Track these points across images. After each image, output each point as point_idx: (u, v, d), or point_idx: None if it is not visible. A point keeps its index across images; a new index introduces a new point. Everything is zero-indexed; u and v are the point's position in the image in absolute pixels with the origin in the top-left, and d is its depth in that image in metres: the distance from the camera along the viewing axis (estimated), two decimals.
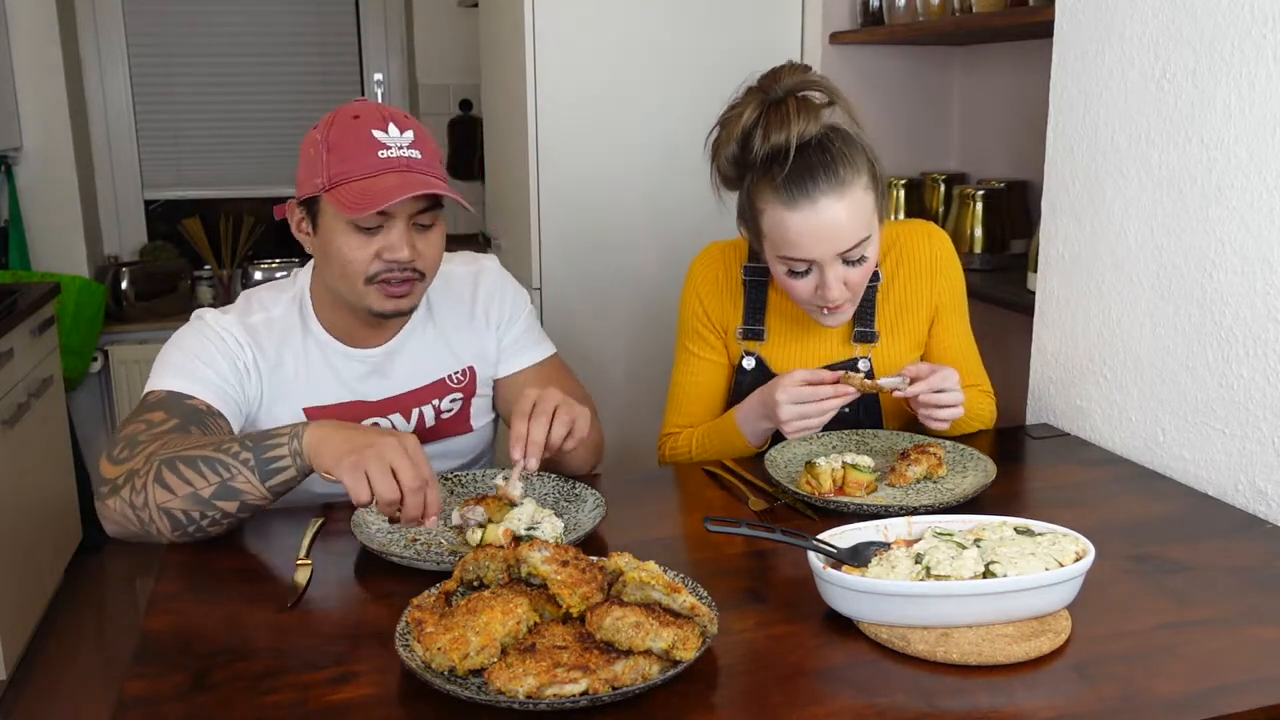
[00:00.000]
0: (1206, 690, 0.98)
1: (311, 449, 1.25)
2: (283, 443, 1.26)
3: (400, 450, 1.21)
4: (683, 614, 0.99)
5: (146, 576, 3.42)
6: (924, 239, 1.66)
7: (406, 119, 1.43)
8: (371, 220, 1.39)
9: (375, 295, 1.43)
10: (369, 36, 4.32)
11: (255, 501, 1.27)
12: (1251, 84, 1.37)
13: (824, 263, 1.46)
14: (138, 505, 1.26)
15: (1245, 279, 1.40)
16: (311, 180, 1.41)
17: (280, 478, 1.26)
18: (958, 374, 1.48)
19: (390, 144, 1.39)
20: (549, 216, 2.56)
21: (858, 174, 1.45)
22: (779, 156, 1.45)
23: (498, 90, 2.94)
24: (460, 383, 1.60)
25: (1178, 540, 1.30)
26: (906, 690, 0.98)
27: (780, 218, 1.46)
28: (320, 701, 0.97)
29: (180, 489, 1.25)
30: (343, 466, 1.20)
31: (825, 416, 1.47)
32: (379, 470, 1.19)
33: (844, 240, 1.45)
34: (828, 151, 1.45)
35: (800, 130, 1.44)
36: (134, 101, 4.10)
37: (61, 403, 3.36)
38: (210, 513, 1.26)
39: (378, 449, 1.20)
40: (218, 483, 1.25)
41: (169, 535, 1.27)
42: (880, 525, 1.17)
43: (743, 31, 2.59)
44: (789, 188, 1.44)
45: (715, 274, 1.68)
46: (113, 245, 4.12)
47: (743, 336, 1.66)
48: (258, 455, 1.26)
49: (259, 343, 1.49)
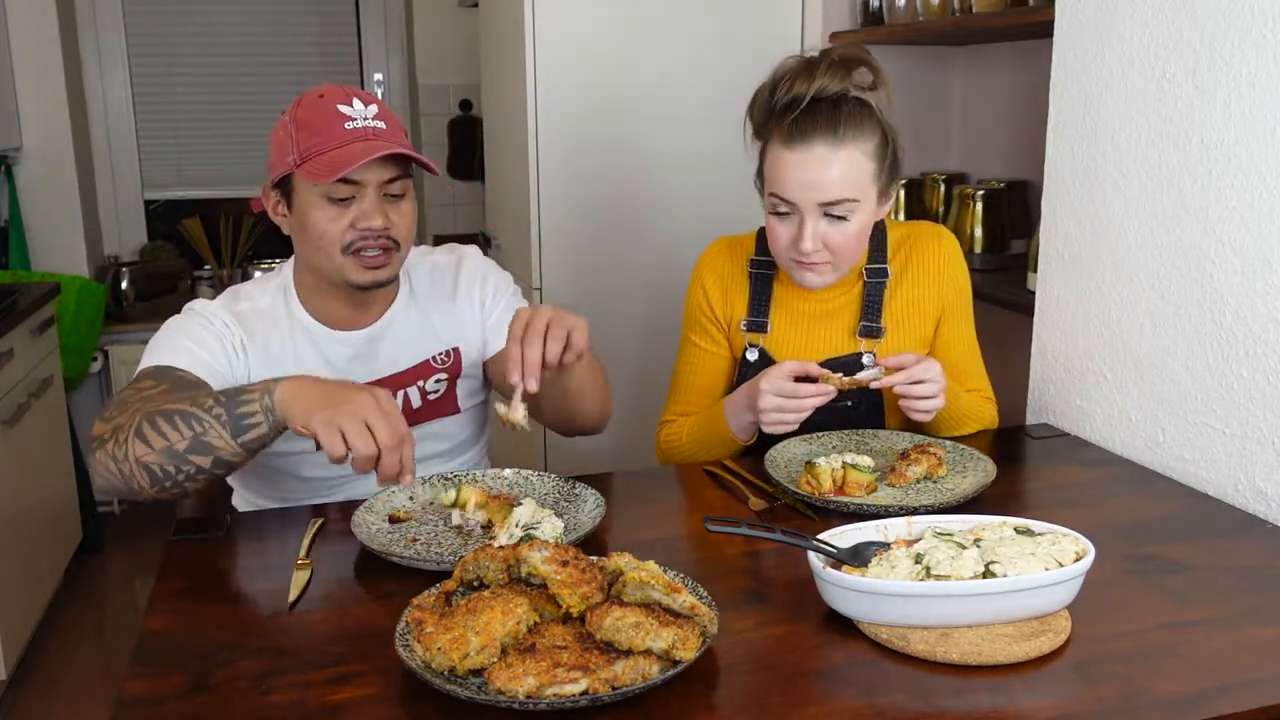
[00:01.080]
0: (1206, 690, 0.98)
1: (284, 405, 1.24)
2: (254, 399, 1.26)
3: (375, 407, 1.20)
4: (683, 614, 0.99)
5: (146, 576, 3.42)
6: (933, 240, 1.68)
7: (370, 96, 1.49)
8: (344, 191, 1.44)
9: (353, 266, 1.47)
10: (369, 36, 4.32)
11: (228, 457, 1.27)
12: (1251, 84, 1.37)
13: (805, 209, 1.51)
14: (119, 459, 1.27)
15: (1245, 279, 1.40)
16: (283, 160, 1.46)
17: (252, 434, 1.26)
18: (940, 367, 1.50)
19: (356, 116, 1.44)
20: (549, 216, 2.56)
21: (860, 137, 1.50)
22: (796, 104, 1.51)
23: (498, 90, 2.94)
24: (444, 364, 1.61)
25: (1178, 540, 1.30)
26: (906, 690, 0.98)
27: (777, 155, 1.52)
28: (320, 701, 0.97)
29: (157, 443, 1.25)
30: (316, 422, 1.20)
31: (802, 415, 1.49)
32: (354, 426, 1.18)
33: (827, 190, 1.49)
34: (838, 108, 1.51)
35: (822, 85, 1.50)
36: (134, 101, 4.10)
37: (61, 403, 3.36)
38: (185, 467, 1.26)
39: (353, 405, 1.20)
40: (191, 437, 1.25)
41: (149, 490, 1.27)
42: (880, 525, 1.17)
43: (743, 31, 2.59)
44: (792, 129, 1.50)
45: (721, 266, 1.71)
46: (113, 245, 4.12)
47: (747, 328, 1.67)
48: (230, 411, 1.26)
49: (246, 328, 1.52)
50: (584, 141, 2.54)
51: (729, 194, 2.60)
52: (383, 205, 1.46)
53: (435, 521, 1.35)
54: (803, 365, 1.49)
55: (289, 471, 1.55)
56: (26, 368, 3.01)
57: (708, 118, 2.60)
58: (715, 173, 2.61)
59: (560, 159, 2.54)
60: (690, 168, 2.62)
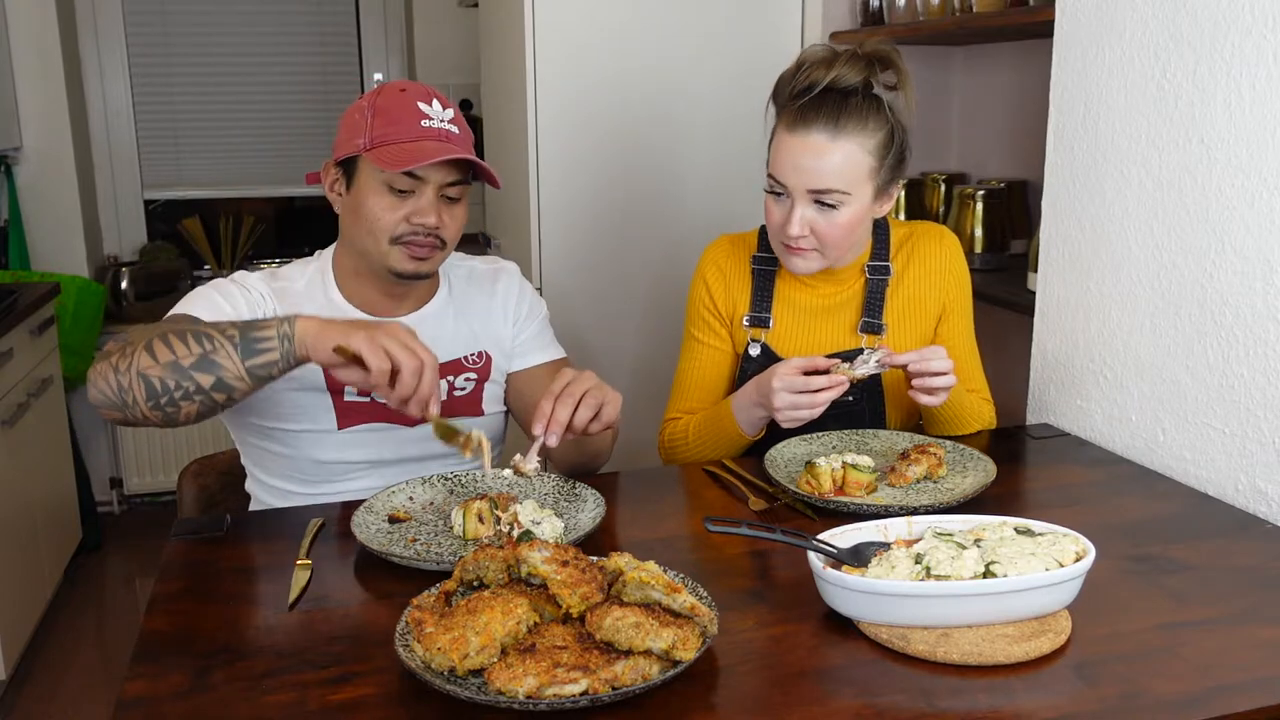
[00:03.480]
0: (1206, 690, 0.98)
1: (310, 334, 1.25)
2: (270, 326, 1.27)
3: (407, 333, 1.24)
4: (683, 614, 0.99)
5: (146, 576, 3.42)
6: (936, 240, 1.69)
7: (448, 101, 1.53)
8: (405, 184, 1.47)
9: (398, 255, 1.50)
10: (369, 36, 4.32)
11: (231, 380, 1.26)
12: (1251, 84, 1.36)
13: (795, 194, 1.52)
14: (120, 370, 1.27)
15: (1245, 279, 1.40)
16: (353, 141, 1.49)
17: (262, 359, 1.26)
18: (944, 349, 1.50)
19: (433, 116, 1.49)
20: (549, 216, 2.56)
21: (861, 131, 1.51)
22: (808, 90, 1.52)
23: (498, 90, 2.94)
24: (475, 364, 1.64)
25: (1178, 540, 1.30)
26: (906, 690, 0.98)
27: (780, 137, 1.55)
28: (320, 701, 0.97)
29: (164, 356, 1.26)
30: (357, 339, 1.22)
31: (818, 409, 1.48)
32: (396, 345, 1.22)
33: (818, 178, 1.50)
34: (846, 100, 1.51)
35: (838, 75, 1.51)
36: (134, 101, 4.10)
37: (61, 403, 3.36)
38: (185, 383, 1.26)
39: (387, 329, 1.23)
40: (199, 354, 1.25)
41: (143, 405, 1.27)
42: (880, 525, 1.17)
43: (743, 31, 2.59)
44: (797, 114, 1.52)
45: (724, 262, 1.71)
46: (113, 245, 4.11)
47: (749, 324, 1.68)
48: (243, 333, 1.26)
49: (283, 302, 1.55)
50: (584, 141, 2.54)
51: (729, 193, 2.60)
52: (439, 205, 1.49)
53: (435, 521, 1.35)
54: (810, 360, 1.49)
55: (305, 453, 1.55)
56: (26, 368, 3.01)
57: (708, 117, 2.60)
58: (716, 172, 2.61)
59: (560, 159, 2.54)
60: (690, 167, 2.62)
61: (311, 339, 1.26)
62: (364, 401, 1.54)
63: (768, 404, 1.50)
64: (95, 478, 3.73)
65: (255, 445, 1.58)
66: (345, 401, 1.54)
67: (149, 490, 3.89)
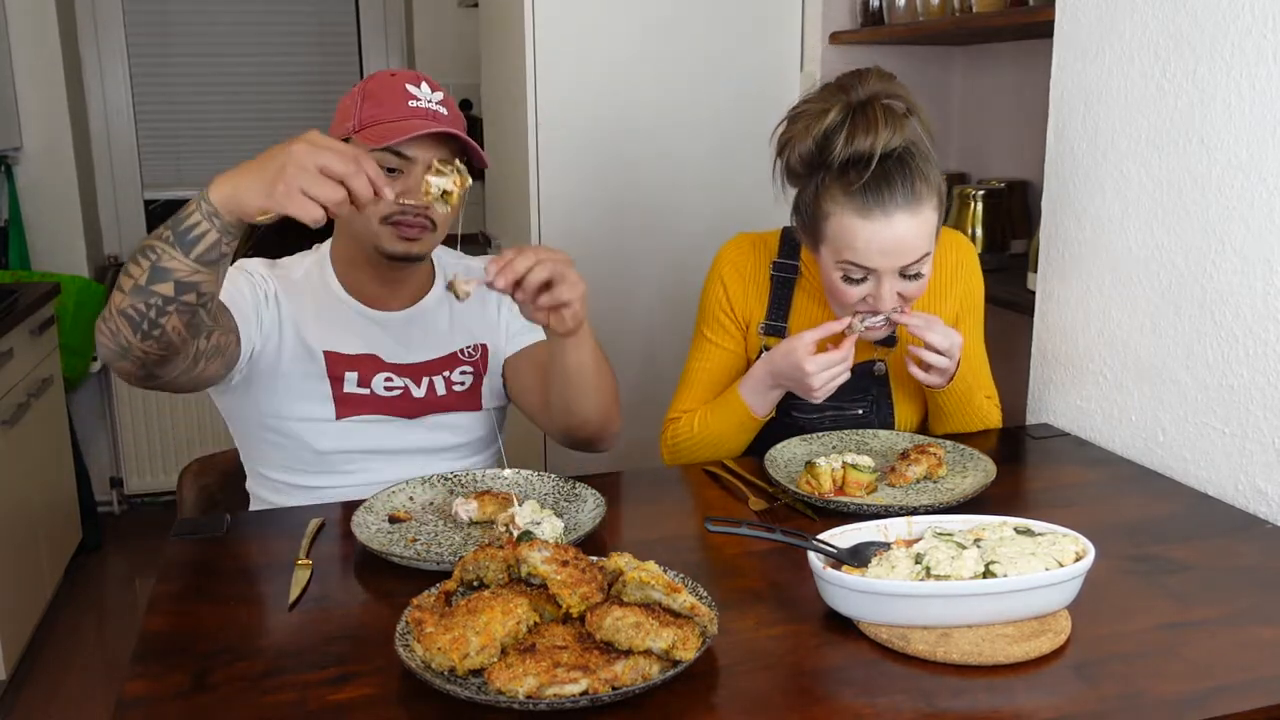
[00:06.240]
0: (1206, 690, 0.98)
1: (227, 199, 1.20)
2: (193, 210, 1.22)
3: (312, 149, 1.16)
4: (683, 614, 0.99)
5: (146, 576, 3.42)
6: (950, 246, 1.68)
7: (439, 86, 1.54)
8: (393, 162, 1.48)
9: (389, 235, 1.50)
10: (369, 36, 4.32)
11: (187, 277, 1.23)
12: (1251, 84, 1.36)
13: (883, 274, 1.47)
14: (107, 319, 1.27)
15: (1245, 279, 1.40)
16: (343, 125, 1.51)
17: (201, 245, 1.22)
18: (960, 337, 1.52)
19: (421, 97, 1.51)
20: (549, 216, 2.56)
21: (932, 193, 1.46)
22: (859, 162, 1.44)
23: (498, 90, 2.94)
24: (472, 358, 1.64)
25: (1178, 540, 1.30)
26: (906, 690, 0.98)
27: (849, 224, 1.45)
28: (320, 701, 0.97)
29: (126, 285, 1.24)
30: (276, 197, 1.16)
31: (848, 364, 1.50)
32: (311, 179, 1.15)
33: (908, 255, 1.46)
34: (908, 166, 1.44)
35: (886, 140, 1.43)
36: (134, 101, 4.10)
37: (61, 403, 3.36)
38: (152, 300, 1.23)
39: (295, 162, 1.16)
40: (149, 267, 1.23)
41: (134, 340, 1.25)
42: (880, 525, 1.17)
43: (743, 31, 2.59)
44: (865, 196, 1.43)
45: (743, 264, 1.69)
46: (113, 245, 4.11)
47: (764, 331, 1.67)
48: (175, 229, 1.22)
49: (283, 285, 1.56)
50: (584, 141, 2.54)
51: (732, 192, 2.60)
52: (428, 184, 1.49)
53: (435, 521, 1.35)
54: (821, 330, 1.50)
55: (304, 443, 1.55)
56: (26, 368, 3.01)
57: (708, 116, 2.60)
58: (718, 170, 2.61)
59: (560, 158, 2.54)
60: (691, 166, 2.62)
61: (233, 203, 1.20)
62: (363, 393, 1.55)
63: (804, 388, 1.50)
64: (95, 478, 3.73)
65: (255, 438, 1.58)
66: (344, 392, 1.54)
67: (149, 490, 3.89)
